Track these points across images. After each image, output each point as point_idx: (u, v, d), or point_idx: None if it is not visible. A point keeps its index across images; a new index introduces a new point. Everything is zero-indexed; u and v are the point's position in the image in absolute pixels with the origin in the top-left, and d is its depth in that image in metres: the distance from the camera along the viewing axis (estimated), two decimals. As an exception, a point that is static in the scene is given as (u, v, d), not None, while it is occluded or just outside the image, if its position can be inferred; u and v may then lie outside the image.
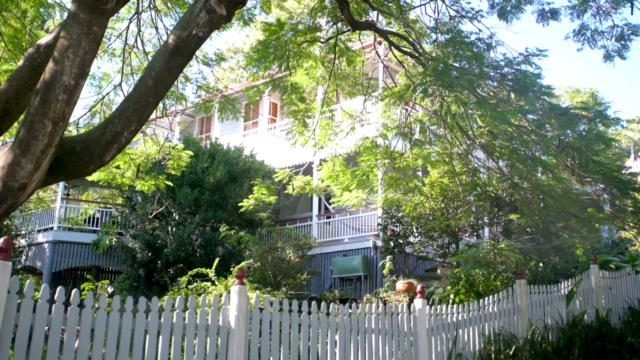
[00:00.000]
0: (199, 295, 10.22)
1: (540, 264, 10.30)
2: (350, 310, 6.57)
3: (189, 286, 11.93)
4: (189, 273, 12.09)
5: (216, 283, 11.78)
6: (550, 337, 7.93)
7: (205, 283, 11.93)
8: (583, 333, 8.05)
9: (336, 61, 11.56)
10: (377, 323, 6.81)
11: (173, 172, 12.32)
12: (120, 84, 10.89)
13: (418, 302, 7.26)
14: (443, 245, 14.51)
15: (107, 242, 16.69)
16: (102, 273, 18.77)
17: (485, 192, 10.97)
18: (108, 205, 19.86)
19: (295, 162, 16.93)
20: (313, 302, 6.37)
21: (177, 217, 15.78)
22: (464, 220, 11.72)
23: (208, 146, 17.57)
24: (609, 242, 18.99)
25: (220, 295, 6.00)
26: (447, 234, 14.06)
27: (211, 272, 11.88)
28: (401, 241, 14.85)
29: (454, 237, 14.05)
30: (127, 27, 10.43)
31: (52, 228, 18.31)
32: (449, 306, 7.65)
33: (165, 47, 4.63)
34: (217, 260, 12.31)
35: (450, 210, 13.73)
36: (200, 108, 12.62)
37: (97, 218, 18.46)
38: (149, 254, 15.33)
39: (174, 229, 15.46)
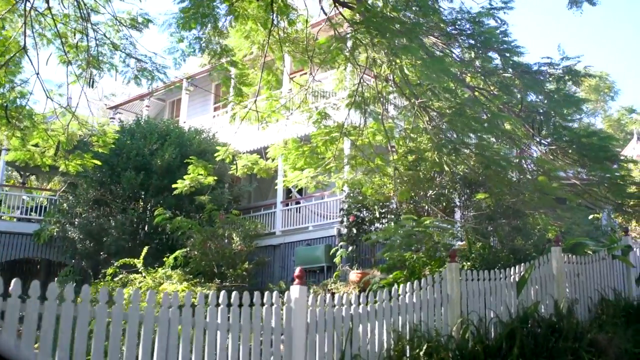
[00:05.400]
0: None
1: (498, 247, 8.77)
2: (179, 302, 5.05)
3: (114, 279, 10.63)
4: (115, 264, 10.77)
5: (144, 275, 10.47)
6: (493, 333, 6.43)
7: (134, 275, 10.62)
8: (534, 328, 6.53)
9: (280, 24, 10.20)
10: (224, 317, 5.30)
11: (100, 150, 11.05)
12: (24, 47, 9.57)
13: (294, 290, 5.81)
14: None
15: (49, 232, 15.32)
16: (52, 266, 17.39)
17: (429, 164, 9.50)
18: (46, 193, 18.41)
19: (263, 143, 15.44)
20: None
21: (122, 204, 14.35)
22: (402, 197, 10.32)
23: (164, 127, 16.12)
24: (607, 229, 17.50)
25: None
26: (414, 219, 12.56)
27: (139, 263, 10.54)
28: (366, 227, 13.39)
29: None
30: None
31: (-11, 218, 16.89)
32: (347, 295, 6.17)
33: None
34: (145, 249, 10.96)
35: (421, 193, 12.32)
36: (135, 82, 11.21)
37: (44, 207, 17.04)
38: (91, 245, 13.97)
39: (118, 216, 14.04)
